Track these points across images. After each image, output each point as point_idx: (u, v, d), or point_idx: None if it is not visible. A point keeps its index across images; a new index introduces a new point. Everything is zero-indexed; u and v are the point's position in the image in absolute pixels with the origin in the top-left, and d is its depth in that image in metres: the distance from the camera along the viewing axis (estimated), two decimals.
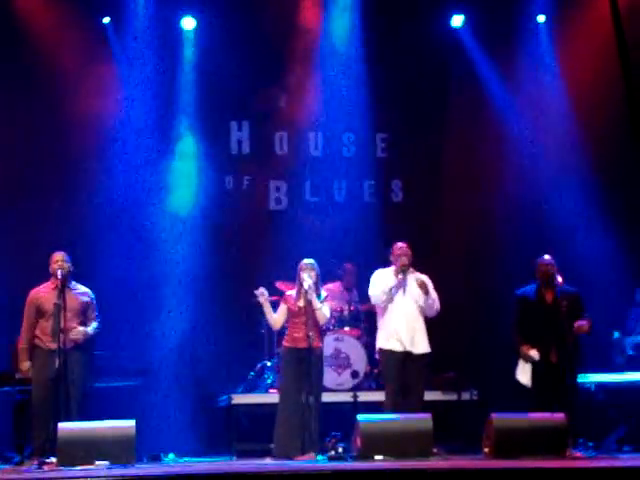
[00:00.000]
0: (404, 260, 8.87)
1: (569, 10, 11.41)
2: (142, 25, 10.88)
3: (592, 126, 11.15)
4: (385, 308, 8.93)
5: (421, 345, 8.86)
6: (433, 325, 9.10)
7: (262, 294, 8.81)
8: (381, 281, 8.93)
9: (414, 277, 8.95)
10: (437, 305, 8.97)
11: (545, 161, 11.47)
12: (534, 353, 8.73)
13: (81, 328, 8.57)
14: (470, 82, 11.63)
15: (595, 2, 10.87)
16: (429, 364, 8.99)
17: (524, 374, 8.83)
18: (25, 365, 8.59)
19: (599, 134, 11.00)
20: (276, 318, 8.97)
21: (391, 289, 8.85)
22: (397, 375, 8.79)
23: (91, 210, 10.64)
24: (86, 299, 8.74)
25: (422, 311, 8.95)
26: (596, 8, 10.74)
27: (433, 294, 8.96)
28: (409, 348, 8.79)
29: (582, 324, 8.72)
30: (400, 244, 9.02)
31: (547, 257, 8.96)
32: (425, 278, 9.01)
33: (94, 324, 8.73)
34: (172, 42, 11.25)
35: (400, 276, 8.85)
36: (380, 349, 8.95)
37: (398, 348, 8.80)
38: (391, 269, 8.99)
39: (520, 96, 11.60)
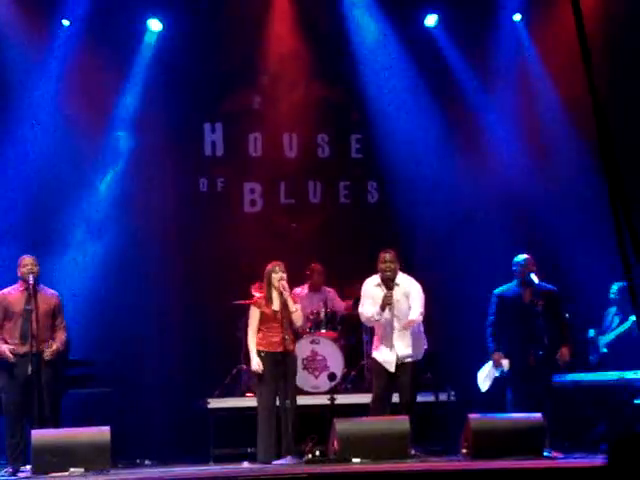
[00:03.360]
0: (387, 299, 8.67)
1: (545, 8, 11.43)
2: (107, 27, 10.74)
3: (570, 124, 11.17)
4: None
5: (413, 353, 8.74)
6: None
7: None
8: (368, 303, 8.79)
9: (401, 290, 8.78)
10: (419, 315, 8.80)
11: (522, 160, 11.48)
12: (505, 363, 8.71)
13: (54, 347, 8.43)
14: (445, 81, 11.62)
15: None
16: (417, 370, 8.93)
17: (486, 380, 8.82)
18: None
19: (577, 131, 11.01)
20: (253, 327, 8.87)
21: (379, 316, 8.71)
22: (384, 384, 8.70)
23: (61, 217, 10.51)
24: (54, 301, 8.64)
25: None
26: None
27: (415, 304, 8.75)
28: (391, 367, 8.67)
29: (564, 353, 8.71)
30: (383, 254, 8.82)
31: (525, 255, 8.94)
32: (411, 286, 8.88)
33: (62, 336, 8.59)
34: (140, 44, 11.13)
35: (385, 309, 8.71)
36: (372, 357, 8.89)
37: (386, 359, 8.69)
38: (374, 279, 8.86)
39: (496, 95, 11.61)
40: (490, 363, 8.87)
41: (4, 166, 10.46)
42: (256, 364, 8.73)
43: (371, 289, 8.86)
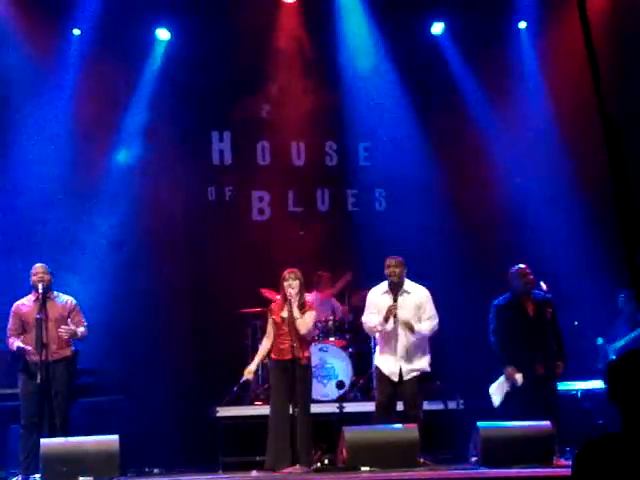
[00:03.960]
0: (390, 312, 8.61)
1: (550, 16, 11.43)
2: (117, 37, 10.78)
3: (575, 133, 11.15)
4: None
5: (417, 364, 8.70)
6: None
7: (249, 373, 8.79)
8: (372, 311, 8.76)
9: (412, 298, 8.74)
10: (433, 327, 8.74)
11: (528, 170, 11.47)
12: (519, 377, 8.66)
13: (72, 326, 8.47)
14: (452, 90, 11.63)
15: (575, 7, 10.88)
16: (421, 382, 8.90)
17: (498, 394, 8.79)
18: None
19: (582, 141, 11.00)
20: (267, 334, 8.89)
21: (381, 326, 8.68)
22: (388, 392, 8.67)
23: (66, 229, 10.53)
24: (68, 306, 8.65)
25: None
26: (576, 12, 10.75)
27: (425, 315, 8.71)
28: (395, 377, 8.63)
29: (559, 367, 8.71)
30: (389, 260, 8.79)
31: (522, 266, 8.87)
32: (421, 294, 8.86)
33: (82, 329, 8.62)
34: (149, 54, 11.17)
35: (390, 320, 8.65)
36: (376, 365, 8.85)
37: (391, 370, 8.66)
38: (382, 287, 8.85)
39: (502, 104, 11.60)
40: (502, 377, 8.79)
41: (16, 175, 10.50)
42: (247, 370, 8.78)
43: (376, 298, 8.82)
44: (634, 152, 8.55)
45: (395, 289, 8.71)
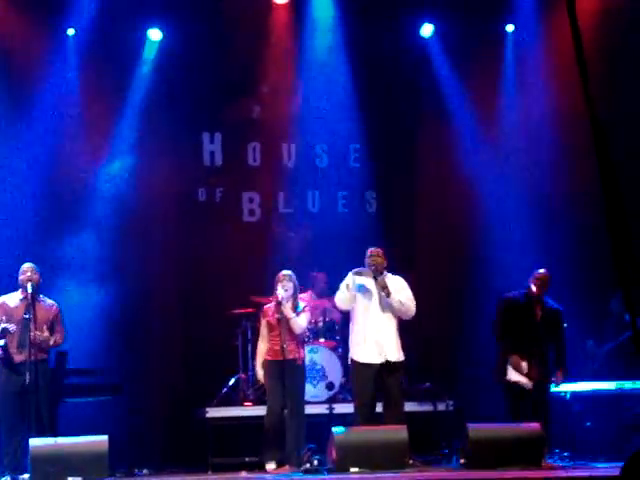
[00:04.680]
0: (372, 264, 8.67)
1: (539, 19, 11.45)
2: (108, 37, 10.78)
3: (566, 134, 11.17)
4: (355, 315, 8.78)
5: (393, 353, 8.63)
6: (408, 335, 9.05)
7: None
8: (343, 287, 8.75)
9: (388, 281, 8.72)
10: (410, 307, 8.72)
11: (520, 172, 11.49)
12: (524, 365, 8.67)
13: (46, 334, 8.44)
14: (442, 92, 11.65)
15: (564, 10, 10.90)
16: (405, 373, 8.89)
17: (516, 374, 8.75)
18: None
19: (574, 142, 11.02)
20: (261, 336, 8.92)
21: (348, 285, 8.59)
22: (367, 389, 8.57)
23: (58, 228, 10.52)
24: (53, 312, 8.65)
25: (395, 316, 8.72)
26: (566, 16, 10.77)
27: (404, 295, 8.71)
28: (381, 358, 8.57)
29: (559, 377, 8.76)
30: (370, 250, 8.80)
31: (544, 270, 8.93)
32: (398, 280, 8.84)
33: (59, 339, 8.61)
34: (138, 54, 11.16)
35: (363, 277, 8.66)
36: (351, 359, 8.77)
37: (369, 360, 8.60)
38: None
39: (493, 107, 11.64)
40: (510, 368, 8.76)
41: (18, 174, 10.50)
42: (258, 373, 8.80)
43: (352, 277, 8.75)
44: (624, 155, 8.60)
45: (374, 277, 8.70)
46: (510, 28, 11.72)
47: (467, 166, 11.49)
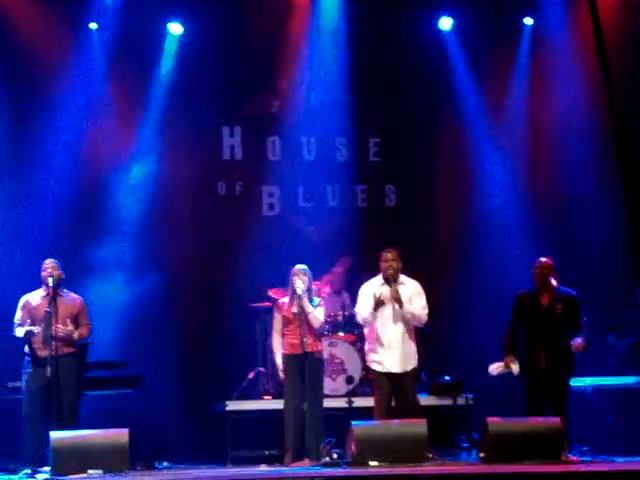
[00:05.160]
0: (388, 273, 8.71)
1: (559, 11, 11.40)
2: (130, 31, 10.83)
3: (583, 128, 11.14)
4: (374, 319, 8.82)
5: (408, 363, 8.71)
6: (427, 329, 9.06)
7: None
8: (365, 299, 8.77)
9: (403, 287, 8.75)
10: (422, 317, 8.77)
11: (539, 163, 11.46)
12: (515, 368, 8.64)
13: (70, 328, 8.49)
14: (460, 86, 11.63)
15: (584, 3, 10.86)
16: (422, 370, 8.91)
17: (495, 370, 8.74)
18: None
19: (591, 135, 10.99)
20: (276, 331, 8.93)
21: (375, 310, 8.67)
22: (385, 389, 8.70)
23: (82, 220, 10.57)
24: (77, 306, 8.69)
25: (409, 324, 8.78)
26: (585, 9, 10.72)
27: (417, 304, 8.73)
28: (393, 369, 8.66)
29: (578, 343, 8.61)
30: (386, 254, 8.79)
31: (544, 259, 8.86)
32: (413, 286, 8.91)
33: (84, 331, 8.65)
34: (160, 48, 11.20)
35: (383, 292, 8.68)
36: (372, 369, 8.86)
37: (383, 369, 8.69)
38: (377, 280, 8.86)
39: (511, 100, 11.61)
40: (502, 363, 8.77)
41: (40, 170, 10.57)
42: (279, 368, 8.80)
43: (368, 289, 8.80)
44: None
45: (390, 282, 8.72)
46: (529, 21, 11.67)
47: (487, 158, 11.48)
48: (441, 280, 10.99)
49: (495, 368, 8.78)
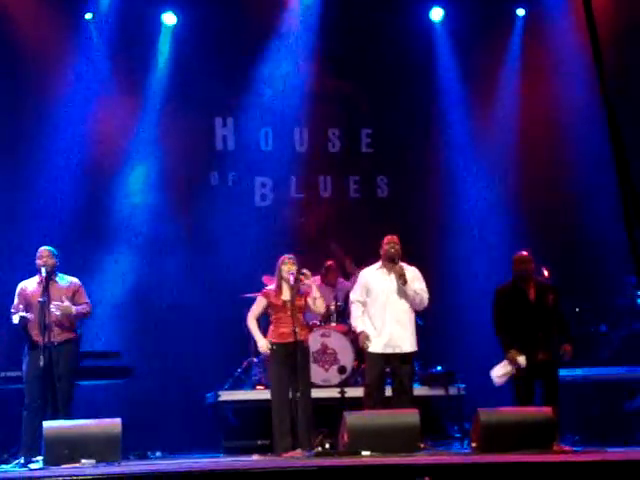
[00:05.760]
0: (391, 252, 8.78)
1: (551, 2, 11.43)
2: (123, 21, 10.84)
3: (576, 120, 11.17)
4: (368, 307, 8.83)
5: (406, 343, 8.74)
6: (420, 319, 9.08)
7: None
8: (360, 289, 8.85)
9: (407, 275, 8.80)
10: (424, 298, 8.83)
11: (532, 155, 11.50)
12: (522, 360, 8.63)
13: (66, 303, 8.49)
14: (451, 77, 11.65)
15: None
16: (415, 360, 8.94)
17: (502, 377, 8.74)
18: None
19: (585, 127, 11.01)
20: (253, 314, 8.91)
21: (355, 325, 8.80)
22: (378, 378, 8.72)
23: (74, 211, 10.57)
24: (72, 287, 8.66)
25: (409, 306, 8.84)
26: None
27: (418, 286, 8.82)
28: (392, 349, 8.68)
29: (568, 351, 8.65)
30: (389, 237, 8.87)
31: (524, 253, 8.87)
32: (413, 270, 8.94)
33: (83, 309, 8.63)
34: (154, 38, 11.21)
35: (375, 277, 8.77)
36: (366, 349, 8.83)
37: (380, 350, 8.71)
38: (375, 267, 8.92)
39: (505, 89, 11.63)
40: (505, 361, 8.75)
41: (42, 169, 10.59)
42: (262, 345, 8.74)
43: (367, 276, 8.85)
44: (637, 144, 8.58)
45: (389, 265, 8.74)
46: (521, 12, 11.68)
47: (480, 149, 11.52)
48: (432, 271, 10.99)
49: (500, 375, 8.73)
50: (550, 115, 11.46)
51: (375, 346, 8.74)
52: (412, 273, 8.87)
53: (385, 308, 8.76)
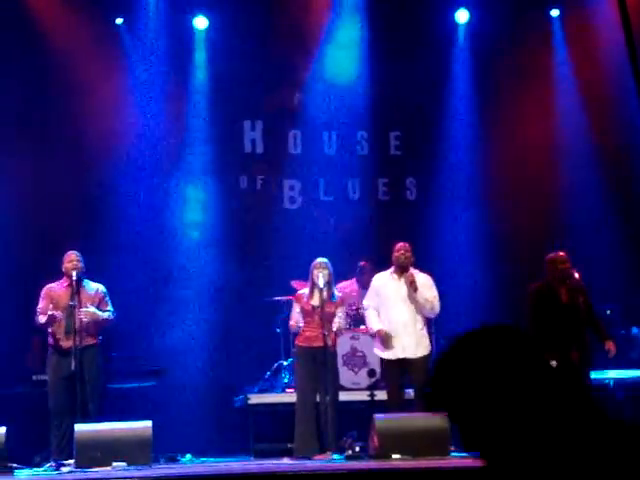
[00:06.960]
0: (402, 260, 8.75)
1: (586, 2, 11.35)
2: (154, 25, 10.89)
3: (605, 123, 11.09)
4: (380, 312, 8.86)
5: (419, 348, 8.75)
6: (445, 323, 9.06)
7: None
8: (372, 295, 8.89)
9: (415, 278, 8.78)
10: (435, 306, 8.81)
11: (559, 158, 11.44)
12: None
13: (91, 309, 8.53)
14: (480, 79, 11.61)
15: None
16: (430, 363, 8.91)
17: None
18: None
19: (612, 131, 10.94)
20: (293, 319, 8.95)
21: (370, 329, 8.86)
22: (394, 382, 8.79)
23: (107, 215, 10.62)
24: (99, 294, 8.71)
25: (419, 312, 8.82)
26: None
27: (429, 294, 8.79)
28: (405, 355, 8.71)
29: (612, 347, 8.60)
30: (399, 245, 8.86)
31: (561, 253, 8.82)
32: (424, 277, 8.90)
33: (106, 315, 8.67)
34: (185, 41, 11.25)
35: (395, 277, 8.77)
36: (381, 357, 8.93)
37: (393, 357, 8.75)
38: (388, 272, 8.92)
39: (532, 92, 11.58)
40: None
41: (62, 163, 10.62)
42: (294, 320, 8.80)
43: (379, 282, 8.88)
44: None
45: (401, 272, 8.73)
46: (555, 13, 11.59)
47: (507, 152, 11.48)
48: (459, 274, 10.96)
49: None
50: (585, 121, 11.38)
51: (388, 353, 8.76)
52: (423, 280, 8.84)
53: (394, 314, 8.75)
